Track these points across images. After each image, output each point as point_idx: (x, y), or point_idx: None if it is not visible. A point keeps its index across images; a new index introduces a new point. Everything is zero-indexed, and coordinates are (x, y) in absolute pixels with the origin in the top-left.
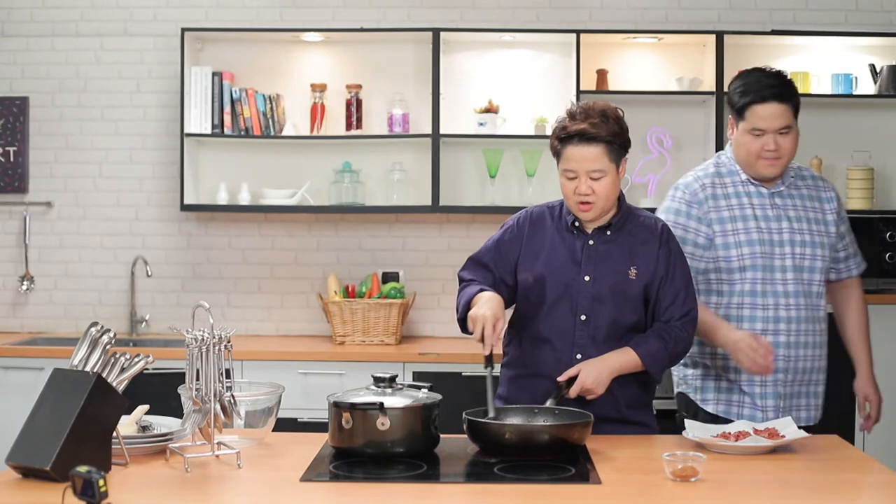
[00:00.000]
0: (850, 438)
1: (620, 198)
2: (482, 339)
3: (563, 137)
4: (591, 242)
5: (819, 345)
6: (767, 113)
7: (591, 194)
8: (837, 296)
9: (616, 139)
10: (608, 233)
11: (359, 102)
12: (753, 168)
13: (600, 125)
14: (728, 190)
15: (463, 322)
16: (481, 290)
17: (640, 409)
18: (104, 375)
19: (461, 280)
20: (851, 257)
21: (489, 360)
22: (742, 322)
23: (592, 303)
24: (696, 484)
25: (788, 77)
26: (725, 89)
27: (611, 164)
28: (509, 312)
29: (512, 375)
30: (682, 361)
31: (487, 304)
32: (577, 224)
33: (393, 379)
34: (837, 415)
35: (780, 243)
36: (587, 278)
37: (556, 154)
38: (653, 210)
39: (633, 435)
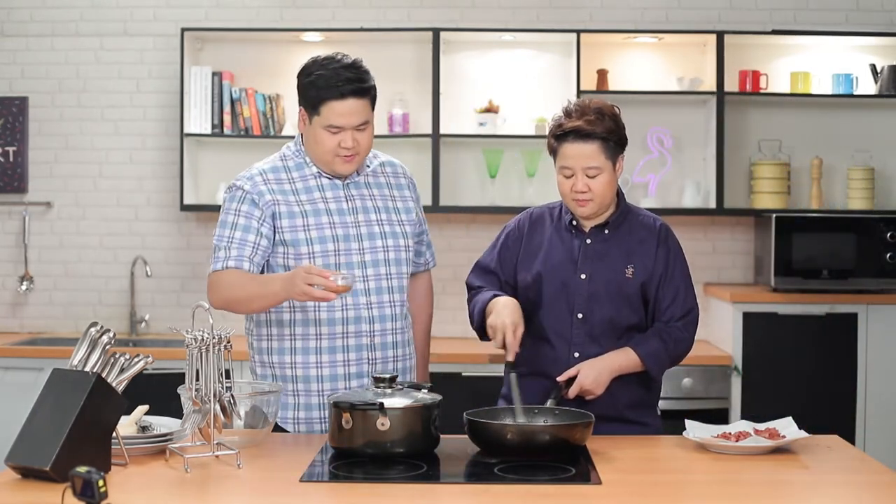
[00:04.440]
0: (850, 438)
1: (620, 196)
2: (503, 347)
3: (558, 135)
4: (588, 241)
5: (407, 342)
6: (345, 110)
7: (587, 192)
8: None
9: (612, 136)
10: (606, 231)
11: None
12: (330, 166)
13: (596, 122)
14: (297, 185)
15: (480, 330)
16: (495, 296)
17: (640, 408)
18: (104, 376)
19: (470, 287)
20: (428, 249)
21: (513, 366)
22: (321, 325)
23: (588, 301)
24: (697, 484)
25: (365, 68)
26: (726, 89)
27: (607, 162)
28: None
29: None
30: None
31: (506, 311)
32: (574, 223)
33: (393, 379)
34: (837, 415)
35: (358, 237)
36: (583, 276)
37: (553, 152)
38: (653, 210)
39: (632, 435)
